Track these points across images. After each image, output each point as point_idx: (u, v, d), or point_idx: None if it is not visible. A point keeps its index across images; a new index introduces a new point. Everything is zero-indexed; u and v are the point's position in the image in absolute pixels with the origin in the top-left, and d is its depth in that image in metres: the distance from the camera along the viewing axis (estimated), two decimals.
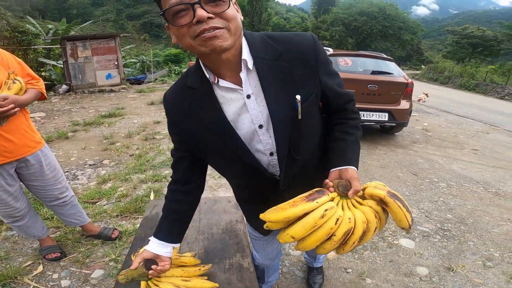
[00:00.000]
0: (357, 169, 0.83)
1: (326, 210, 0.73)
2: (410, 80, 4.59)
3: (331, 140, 0.89)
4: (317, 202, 0.73)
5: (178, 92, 0.81)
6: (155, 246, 0.92)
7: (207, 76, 0.74)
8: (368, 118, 4.35)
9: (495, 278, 1.93)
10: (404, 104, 4.49)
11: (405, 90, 4.49)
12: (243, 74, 0.72)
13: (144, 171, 3.32)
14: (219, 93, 0.75)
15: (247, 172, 0.84)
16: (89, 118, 5.80)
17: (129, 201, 2.64)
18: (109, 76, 10.49)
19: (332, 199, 0.77)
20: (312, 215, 0.73)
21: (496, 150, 4.84)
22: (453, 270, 1.99)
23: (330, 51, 4.83)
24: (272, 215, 0.76)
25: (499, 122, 7.19)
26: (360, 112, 4.48)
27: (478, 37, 28.49)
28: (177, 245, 0.96)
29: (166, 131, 4.87)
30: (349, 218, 0.74)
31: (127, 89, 10.31)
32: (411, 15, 43.26)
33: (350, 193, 0.77)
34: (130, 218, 2.43)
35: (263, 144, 0.80)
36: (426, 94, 9.27)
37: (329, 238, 0.75)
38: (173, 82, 0.87)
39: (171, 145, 4.13)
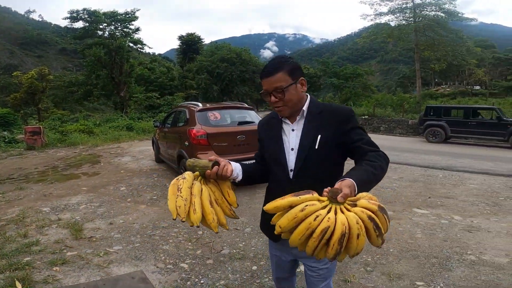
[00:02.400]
0: (358, 184, 0.95)
1: (306, 205, 0.85)
2: None
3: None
4: (300, 198, 0.87)
5: (267, 119, 1.42)
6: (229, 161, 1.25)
7: (279, 115, 1.31)
8: None
9: (379, 280, 2.36)
10: None
11: None
12: (298, 117, 1.27)
13: None
14: (283, 124, 1.32)
15: (278, 167, 1.29)
16: None
17: None
18: None
19: (319, 201, 0.88)
20: (294, 208, 0.86)
21: None
22: (349, 281, 2.33)
23: (200, 106, 5.07)
24: (269, 205, 0.95)
25: None
26: None
27: (305, 75, 36.11)
28: (240, 177, 1.28)
29: (7, 216, 3.82)
30: (329, 218, 0.82)
31: None
32: (260, 58, 51.06)
33: (338, 196, 0.87)
34: None
35: (289, 161, 1.26)
36: None
37: (310, 236, 0.83)
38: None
39: (22, 231, 3.34)
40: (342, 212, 0.86)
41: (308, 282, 1.38)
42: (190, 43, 38.62)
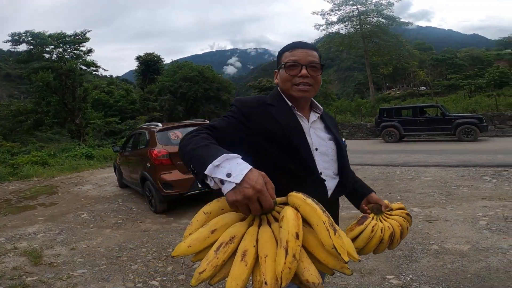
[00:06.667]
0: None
1: (373, 226, 1.10)
2: None
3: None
4: (365, 224, 1.11)
5: (258, 102, 1.06)
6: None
7: (288, 102, 1.07)
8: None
9: (351, 277, 2.33)
10: None
11: None
12: (311, 113, 1.10)
13: None
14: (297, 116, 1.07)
15: (300, 171, 1.00)
16: None
17: None
18: None
19: (373, 218, 1.15)
20: (365, 232, 1.10)
21: None
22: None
23: (160, 126, 5.01)
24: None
25: None
26: None
27: (269, 88, 37.55)
28: None
29: None
30: (388, 227, 1.13)
31: None
32: (223, 75, 51.51)
33: (383, 209, 1.17)
34: None
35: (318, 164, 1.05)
36: None
37: (380, 242, 1.11)
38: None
39: None
40: (387, 218, 1.17)
41: None
42: (149, 63, 37.88)
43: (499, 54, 43.79)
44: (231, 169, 0.67)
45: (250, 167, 0.68)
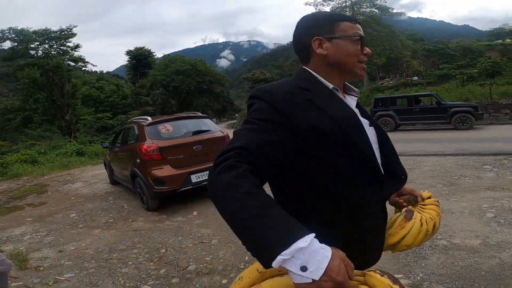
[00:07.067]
0: None
1: (420, 219, 1.02)
2: (226, 133, 5.16)
3: None
4: (414, 218, 1.03)
5: (289, 89, 0.80)
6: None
7: (327, 84, 0.85)
8: (203, 179, 4.37)
9: None
10: None
11: (224, 143, 4.89)
12: (346, 96, 0.91)
13: None
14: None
15: (363, 174, 0.80)
16: None
17: None
18: None
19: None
20: (415, 227, 1.01)
21: None
22: None
23: (149, 119, 4.79)
24: (391, 239, 1.02)
25: None
26: (195, 174, 4.44)
27: (263, 80, 37.24)
28: None
29: None
30: (430, 217, 1.05)
31: None
32: (216, 68, 51.03)
33: (419, 199, 1.06)
34: None
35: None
36: None
37: (425, 235, 1.04)
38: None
39: None
40: (423, 209, 1.08)
41: None
42: (140, 57, 37.19)
43: (490, 44, 44.02)
44: (307, 261, 0.54)
45: (330, 254, 0.56)
